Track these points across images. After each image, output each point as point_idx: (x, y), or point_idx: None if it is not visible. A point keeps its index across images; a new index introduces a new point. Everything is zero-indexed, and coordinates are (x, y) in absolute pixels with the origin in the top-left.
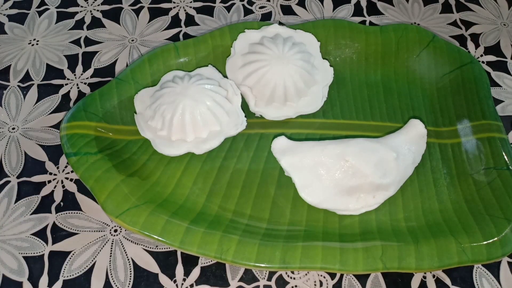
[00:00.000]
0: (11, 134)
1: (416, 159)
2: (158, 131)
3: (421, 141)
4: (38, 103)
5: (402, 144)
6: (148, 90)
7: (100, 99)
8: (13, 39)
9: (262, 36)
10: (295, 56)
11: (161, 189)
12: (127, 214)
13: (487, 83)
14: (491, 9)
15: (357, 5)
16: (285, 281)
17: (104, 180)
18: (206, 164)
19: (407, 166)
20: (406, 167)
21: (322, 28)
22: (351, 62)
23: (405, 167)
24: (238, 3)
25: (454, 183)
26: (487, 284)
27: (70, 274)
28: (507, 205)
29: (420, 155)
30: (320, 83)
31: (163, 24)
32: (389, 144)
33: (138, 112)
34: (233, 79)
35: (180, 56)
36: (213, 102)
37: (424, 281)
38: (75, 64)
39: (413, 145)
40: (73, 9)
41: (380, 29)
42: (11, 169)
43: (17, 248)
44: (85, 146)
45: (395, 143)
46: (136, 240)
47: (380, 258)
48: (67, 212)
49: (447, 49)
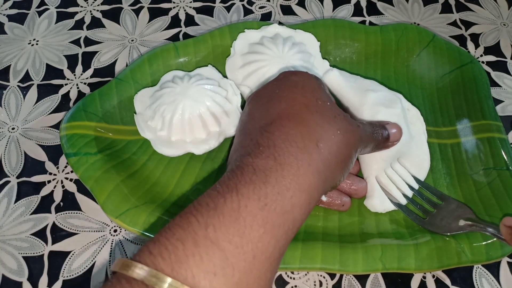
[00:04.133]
0: (11, 134)
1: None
2: (158, 131)
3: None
4: (38, 103)
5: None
6: (148, 90)
7: (100, 99)
8: (13, 39)
9: (261, 36)
10: (295, 56)
11: (161, 189)
12: (127, 214)
13: (487, 83)
14: (491, 9)
15: (357, 5)
16: (284, 281)
17: (104, 180)
18: (205, 164)
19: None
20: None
21: (322, 28)
22: (351, 62)
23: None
24: (238, 3)
25: (454, 183)
26: (487, 284)
27: (69, 274)
28: (507, 205)
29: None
30: None
31: (163, 24)
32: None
33: (138, 112)
34: (233, 79)
35: (180, 56)
36: (212, 102)
37: (424, 281)
38: (75, 64)
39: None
40: (73, 9)
41: (380, 29)
42: (11, 169)
43: (17, 248)
44: (85, 146)
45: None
46: (136, 240)
47: (379, 258)
48: (66, 212)
49: (447, 49)
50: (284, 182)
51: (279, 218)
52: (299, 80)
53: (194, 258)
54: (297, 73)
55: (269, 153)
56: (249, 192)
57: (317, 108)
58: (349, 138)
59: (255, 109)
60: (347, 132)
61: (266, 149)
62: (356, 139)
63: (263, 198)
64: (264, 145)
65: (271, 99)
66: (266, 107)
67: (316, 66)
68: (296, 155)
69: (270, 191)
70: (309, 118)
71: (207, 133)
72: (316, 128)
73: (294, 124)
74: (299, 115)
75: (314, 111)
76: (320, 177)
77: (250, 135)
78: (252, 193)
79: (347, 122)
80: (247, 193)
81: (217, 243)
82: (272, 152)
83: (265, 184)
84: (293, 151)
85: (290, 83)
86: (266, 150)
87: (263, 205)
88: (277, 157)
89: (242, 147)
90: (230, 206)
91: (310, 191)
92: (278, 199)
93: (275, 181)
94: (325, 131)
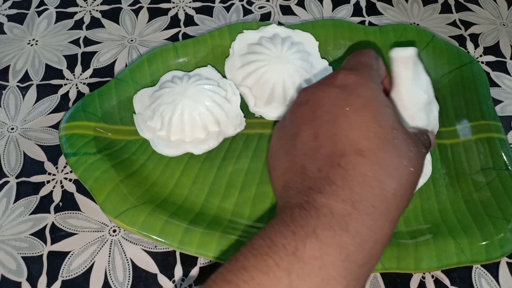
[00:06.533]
0: (10, 134)
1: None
2: (157, 131)
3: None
4: (37, 103)
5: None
6: (147, 90)
7: (99, 99)
8: (12, 39)
9: (260, 36)
10: (294, 55)
11: (160, 189)
12: (126, 214)
13: (487, 83)
14: (490, 9)
15: (356, 5)
16: None
17: (103, 180)
18: (205, 164)
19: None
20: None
21: (321, 28)
22: None
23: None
24: (237, 3)
25: (453, 183)
26: (486, 284)
27: (69, 274)
28: (506, 206)
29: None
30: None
31: (162, 24)
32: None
33: (137, 112)
34: (232, 79)
35: (179, 56)
36: (212, 102)
37: (423, 282)
38: (74, 64)
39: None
40: (72, 9)
41: (380, 29)
42: (10, 169)
43: (16, 248)
44: (84, 146)
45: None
46: (135, 241)
47: None
48: (66, 212)
49: (447, 49)
50: (363, 233)
51: (359, 270)
52: (369, 95)
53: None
54: (365, 83)
55: (345, 196)
56: (330, 239)
57: (393, 143)
58: (419, 174)
59: (318, 124)
60: (419, 169)
61: (341, 191)
62: (421, 170)
63: (344, 248)
64: (338, 184)
65: (338, 119)
66: (333, 128)
67: (315, 66)
68: (374, 204)
69: (351, 241)
70: (386, 157)
71: (206, 133)
72: (394, 173)
73: (370, 166)
74: (375, 152)
75: (391, 147)
76: (394, 225)
77: (315, 162)
78: (332, 240)
79: (420, 155)
80: (328, 240)
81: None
82: (348, 196)
83: (346, 232)
84: (371, 199)
85: (361, 100)
86: (341, 192)
87: (345, 256)
88: (355, 203)
89: (304, 174)
90: (312, 254)
91: (386, 242)
92: (359, 250)
93: (355, 231)
94: (401, 175)
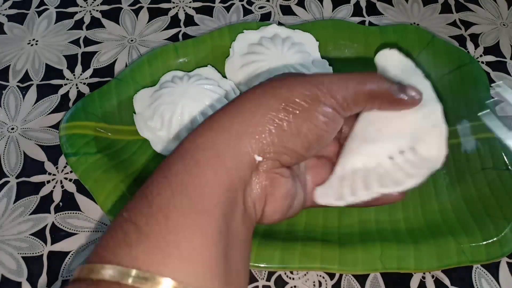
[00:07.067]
0: (10, 134)
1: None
2: (157, 131)
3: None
4: (37, 103)
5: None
6: (147, 90)
7: (100, 99)
8: (12, 39)
9: (260, 36)
10: (294, 56)
11: None
12: None
13: (487, 83)
14: (490, 9)
15: (356, 6)
16: (284, 281)
17: (103, 180)
18: None
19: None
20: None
21: (322, 28)
22: (351, 62)
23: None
24: (238, 3)
25: (454, 183)
26: (486, 284)
27: (69, 274)
28: (507, 205)
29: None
30: None
31: (162, 24)
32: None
33: (138, 112)
34: (232, 79)
35: (180, 56)
36: (212, 102)
37: (423, 282)
38: (74, 64)
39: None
40: (73, 9)
41: (380, 30)
42: (10, 169)
43: (16, 248)
44: (84, 146)
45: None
46: None
47: (379, 258)
48: (66, 212)
49: (447, 49)
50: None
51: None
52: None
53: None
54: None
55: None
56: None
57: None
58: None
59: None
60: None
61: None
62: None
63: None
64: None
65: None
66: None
67: (315, 66)
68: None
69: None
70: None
71: None
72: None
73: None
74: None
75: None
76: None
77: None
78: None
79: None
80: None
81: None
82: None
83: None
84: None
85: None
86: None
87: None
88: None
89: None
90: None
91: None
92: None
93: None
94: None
